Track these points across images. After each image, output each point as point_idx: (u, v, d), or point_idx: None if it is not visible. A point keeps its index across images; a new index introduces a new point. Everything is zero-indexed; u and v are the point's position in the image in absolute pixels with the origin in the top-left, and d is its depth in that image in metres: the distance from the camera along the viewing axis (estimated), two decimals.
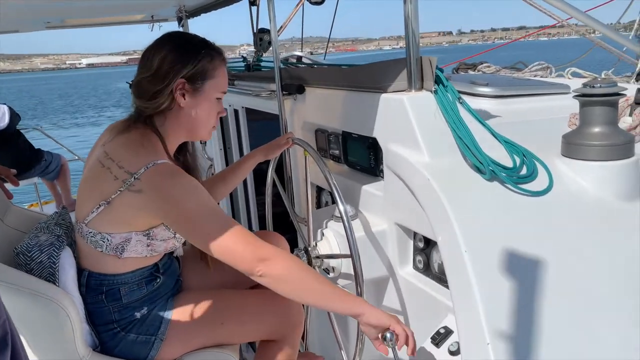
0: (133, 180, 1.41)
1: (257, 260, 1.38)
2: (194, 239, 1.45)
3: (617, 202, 1.47)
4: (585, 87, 1.50)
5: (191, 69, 1.51)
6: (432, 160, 1.50)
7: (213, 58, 1.56)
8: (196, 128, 1.59)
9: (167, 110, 1.54)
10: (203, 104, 1.56)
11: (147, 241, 1.52)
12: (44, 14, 3.41)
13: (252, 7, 3.24)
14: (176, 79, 1.50)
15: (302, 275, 1.40)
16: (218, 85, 1.58)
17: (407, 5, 1.57)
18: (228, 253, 1.40)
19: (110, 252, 1.50)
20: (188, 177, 1.45)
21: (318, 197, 2.42)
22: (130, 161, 1.45)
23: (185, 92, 1.52)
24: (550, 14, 3.05)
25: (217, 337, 1.67)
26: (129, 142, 1.51)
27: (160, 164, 1.44)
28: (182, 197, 1.40)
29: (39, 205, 5.61)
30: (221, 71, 1.59)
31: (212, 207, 1.43)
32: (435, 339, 1.54)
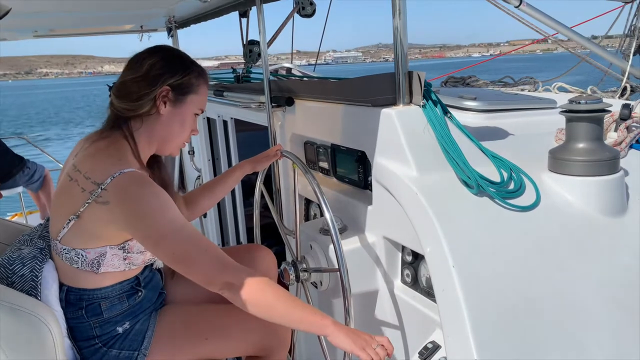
0: (100, 191, 1.39)
1: (222, 285, 1.37)
2: (161, 255, 1.42)
3: (603, 217, 1.48)
4: (571, 103, 1.51)
5: (178, 79, 1.53)
6: (420, 174, 1.50)
7: (200, 75, 1.60)
8: (169, 139, 1.59)
9: (145, 115, 1.53)
10: (181, 116, 1.57)
11: (124, 254, 1.49)
12: (32, 23, 3.39)
13: (242, 19, 3.25)
14: (162, 85, 1.51)
15: (268, 300, 1.38)
16: (199, 102, 1.61)
17: (396, 19, 1.57)
18: (194, 274, 1.38)
19: (86, 268, 1.48)
20: (157, 188, 1.43)
21: (306, 210, 2.41)
22: (96, 171, 1.42)
23: (168, 100, 1.53)
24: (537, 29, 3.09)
25: (201, 352, 1.64)
26: (97, 152, 1.49)
27: (128, 172, 1.41)
28: (149, 211, 1.38)
29: (23, 215, 5.53)
30: (204, 90, 1.63)
31: (181, 223, 1.40)
32: (422, 354, 1.53)
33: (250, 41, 3.24)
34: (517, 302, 1.31)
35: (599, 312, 1.35)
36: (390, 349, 1.38)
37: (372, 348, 1.34)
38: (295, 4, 3.18)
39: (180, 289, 1.82)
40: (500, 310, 1.29)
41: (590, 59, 3.29)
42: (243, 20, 3.24)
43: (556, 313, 1.32)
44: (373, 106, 1.67)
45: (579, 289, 1.37)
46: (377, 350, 1.34)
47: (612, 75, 3.32)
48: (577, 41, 3.03)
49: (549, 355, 1.27)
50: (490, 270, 1.34)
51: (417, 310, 1.65)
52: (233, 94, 2.89)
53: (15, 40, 4.39)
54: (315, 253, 1.87)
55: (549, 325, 1.30)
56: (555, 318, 1.31)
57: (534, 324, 1.29)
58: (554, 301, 1.33)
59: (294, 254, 1.89)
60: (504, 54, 26.56)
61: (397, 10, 1.56)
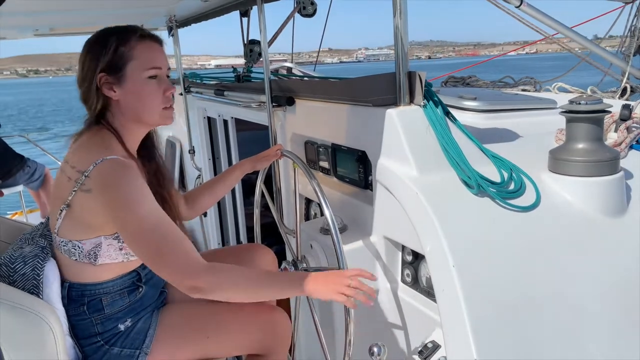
0: (84, 179, 1.40)
1: (190, 288, 1.35)
2: (134, 248, 1.42)
3: (603, 218, 1.48)
4: (571, 103, 1.52)
5: (105, 60, 1.48)
6: (420, 174, 1.50)
7: (125, 40, 1.50)
8: (141, 114, 1.54)
9: (106, 107, 1.52)
10: (134, 88, 1.50)
11: (118, 244, 1.50)
12: (33, 22, 3.39)
13: (243, 18, 3.25)
14: (95, 75, 1.48)
15: (240, 296, 1.41)
16: (142, 64, 1.50)
17: (397, 19, 1.58)
18: (164, 274, 1.38)
19: (84, 259, 1.49)
20: (137, 178, 1.42)
21: (307, 209, 2.41)
22: (81, 160, 1.44)
23: (111, 84, 1.49)
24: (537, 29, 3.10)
25: (202, 351, 1.65)
26: (83, 143, 1.51)
27: (110, 159, 1.41)
28: (126, 202, 1.37)
29: (23, 214, 5.53)
30: (141, 49, 1.51)
31: (157, 219, 1.38)
32: (422, 353, 1.54)
33: (251, 40, 3.24)
34: (517, 302, 1.31)
35: (598, 312, 1.36)
36: (366, 275, 1.41)
37: (346, 287, 1.37)
38: (296, 3, 3.18)
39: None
40: (500, 310, 1.29)
41: (591, 59, 3.30)
42: (244, 19, 3.24)
43: (556, 313, 1.32)
44: (374, 106, 1.68)
45: (578, 289, 1.37)
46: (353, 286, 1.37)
47: (612, 75, 3.33)
48: (578, 41, 3.03)
49: (548, 355, 1.27)
50: (490, 270, 1.34)
51: (417, 309, 1.65)
52: (234, 94, 2.89)
53: (15, 39, 4.39)
54: (315, 252, 1.87)
55: (548, 325, 1.30)
56: (555, 318, 1.32)
57: (533, 324, 1.29)
58: (553, 301, 1.34)
59: (294, 253, 1.90)
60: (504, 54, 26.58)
61: (398, 10, 1.57)
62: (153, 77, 1.52)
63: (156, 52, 1.55)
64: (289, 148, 2.31)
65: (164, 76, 1.56)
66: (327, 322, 1.89)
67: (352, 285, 1.37)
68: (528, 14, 2.89)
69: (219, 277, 1.36)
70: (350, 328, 1.50)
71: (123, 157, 1.46)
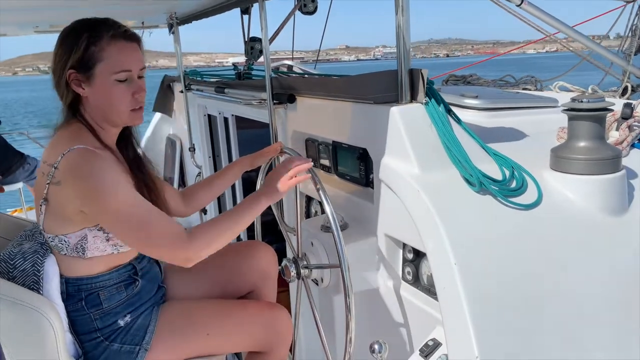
0: (53, 171, 1.41)
1: (182, 261, 1.43)
2: (118, 235, 1.45)
3: (604, 216, 1.48)
4: (573, 101, 1.51)
5: (76, 57, 1.46)
6: (422, 172, 1.50)
7: (97, 39, 1.46)
8: (108, 114, 1.52)
9: (78, 102, 1.52)
10: (102, 89, 1.47)
11: (104, 235, 1.49)
12: (33, 18, 3.38)
13: (244, 15, 3.24)
14: (65, 71, 1.47)
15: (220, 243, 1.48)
16: (111, 66, 1.46)
17: (399, 16, 1.57)
18: (155, 254, 1.50)
19: (72, 253, 1.49)
20: (108, 164, 1.42)
21: (307, 207, 2.41)
22: (50, 153, 1.45)
23: (80, 81, 1.48)
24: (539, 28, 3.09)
25: (202, 348, 1.64)
26: (55, 138, 1.51)
27: (77, 148, 1.40)
28: (100, 189, 1.37)
29: (23, 211, 5.53)
30: (111, 51, 1.46)
31: (133, 201, 1.40)
32: (423, 351, 1.53)
33: (251, 38, 3.23)
34: (518, 300, 1.31)
35: (600, 310, 1.36)
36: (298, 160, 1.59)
37: (287, 177, 1.55)
38: (296, 1, 3.18)
39: (181, 284, 1.82)
40: (501, 308, 1.29)
41: (592, 59, 3.29)
42: (245, 17, 3.23)
43: (557, 311, 1.32)
44: (375, 103, 1.67)
45: (580, 287, 1.37)
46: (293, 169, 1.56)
47: (613, 75, 3.32)
48: (579, 40, 3.02)
49: (549, 353, 1.27)
50: (491, 268, 1.34)
51: (418, 307, 1.65)
52: (234, 91, 2.89)
53: (17, 35, 4.38)
54: (316, 250, 1.87)
55: (550, 323, 1.30)
56: (556, 316, 1.32)
57: (535, 321, 1.29)
58: (555, 299, 1.34)
59: (294, 250, 1.89)
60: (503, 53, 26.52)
61: (400, 8, 1.56)
62: (122, 80, 1.49)
63: (127, 54, 1.50)
64: (290, 146, 2.31)
65: (135, 78, 1.52)
66: (327, 320, 1.89)
67: (291, 170, 1.56)
68: (529, 13, 2.88)
69: (202, 239, 1.44)
70: (350, 325, 1.50)
71: (95, 148, 1.45)
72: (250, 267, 1.88)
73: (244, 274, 1.87)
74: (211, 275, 1.86)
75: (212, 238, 1.45)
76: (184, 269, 1.83)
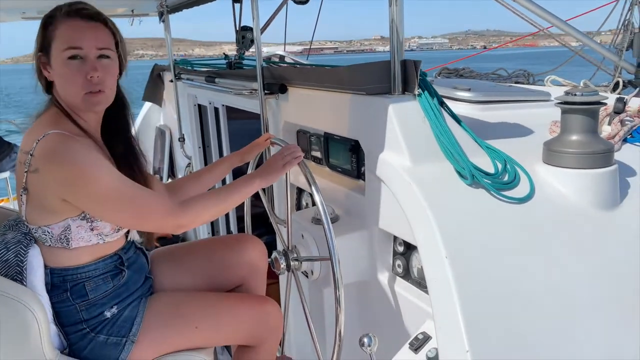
0: (30, 159, 1.38)
1: (174, 228, 1.46)
2: (106, 217, 1.45)
3: (596, 210, 1.48)
4: (567, 95, 1.50)
5: (40, 41, 1.47)
6: (414, 164, 1.48)
7: (54, 19, 1.45)
8: (66, 97, 1.48)
9: (50, 88, 1.51)
10: (56, 69, 1.45)
11: (88, 224, 1.46)
12: (20, 5, 3.32)
13: (236, 4, 3.20)
14: (36, 54, 1.48)
15: (212, 215, 1.55)
16: (61, 44, 1.43)
17: (393, 8, 1.55)
18: (147, 227, 1.53)
19: (57, 244, 1.46)
20: (84, 146, 1.39)
21: (298, 199, 2.39)
22: (27, 140, 1.42)
23: (46, 64, 1.48)
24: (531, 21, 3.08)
25: (191, 340, 1.62)
26: (34, 125, 1.47)
27: (52, 133, 1.37)
28: (80, 172, 1.34)
29: (9, 201, 5.46)
30: (62, 28, 1.44)
31: (117, 180, 1.40)
32: (413, 344, 1.53)
33: (243, 27, 3.20)
34: (509, 293, 1.31)
35: (591, 304, 1.36)
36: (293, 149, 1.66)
37: (282, 163, 1.62)
38: None
39: (169, 276, 1.79)
40: (492, 302, 1.28)
41: (584, 53, 3.29)
42: (236, 5, 3.19)
43: (548, 305, 1.32)
44: (367, 95, 1.65)
45: (571, 280, 1.37)
46: (288, 161, 1.62)
47: (604, 70, 3.33)
48: (572, 35, 3.02)
49: (540, 346, 1.27)
50: (483, 262, 1.33)
51: (408, 301, 1.64)
52: (225, 81, 2.85)
53: (4, 21, 4.30)
54: (306, 242, 1.85)
55: (541, 316, 1.30)
56: (547, 309, 1.31)
57: (526, 315, 1.29)
58: (546, 293, 1.33)
59: (285, 243, 1.88)
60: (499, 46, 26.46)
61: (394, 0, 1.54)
62: (74, 58, 1.43)
63: (79, 31, 1.44)
64: (281, 137, 2.28)
65: (90, 57, 1.44)
66: (317, 312, 1.88)
67: (285, 157, 1.63)
68: (523, 6, 2.87)
69: (194, 208, 1.47)
70: (340, 319, 1.49)
71: (72, 134, 1.41)
72: (239, 261, 1.86)
73: (233, 267, 1.85)
74: (200, 268, 1.83)
75: (203, 208, 1.49)
76: (172, 261, 1.81)
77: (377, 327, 1.76)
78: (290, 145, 1.70)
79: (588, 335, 1.31)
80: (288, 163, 1.63)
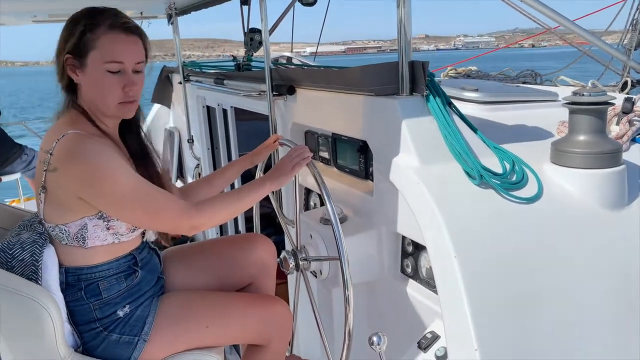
0: (49, 158, 1.41)
1: (188, 229, 1.48)
2: (123, 217, 1.47)
3: (604, 210, 1.48)
4: (575, 95, 1.51)
5: (72, 43, 1.47)
6: (422, 164, 1.49)
7: (94, 27, 1.45)
8: (98, 104, 1.51)
9: (74, 88, 1.52)
10: (92, 77, 1.47)
11: (105, 224, 1.49)
12: (30, 8, 3.36)
13: (244, 6, 3.22)
14: (63, 55, 1.48)
15: (223, 217, 1.59)
16: (103, 56, 1.45)
17: (400, 9, 1.56)
18: (161, 228, 1.56)
19: (73, 243, 1.49)
20: (103, 146, 1.41)
21: (306, 199, 2.41)
22: (47, 140, 1.45)
23: (75, 67, 1.48)
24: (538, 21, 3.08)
25: (201, 339, 1.64)
26: (54, 126, 1.51)
27: (71, 133, 1.40)
28: (98, 172, 1.37)
29: (20, 202, 5.51)
30: (105, 40, 1.46)
31: (134, 180, 1.42)
32: (422, 344, 1.54)
33: (251, 29, 3.22)
34: (517, 293, 1.31)
35: (599, 304, 1.36)
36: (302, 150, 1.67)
37: (291, 165, 1.63)
38: None
39: (180, 275, 1.81)
40: (500, 301, 1.29)
41: (592, 53, 3.29)
42: (244, 7, 3.21)
43: (556, 304, 1.33)
44: (375, 95, 1.66)
45: (579, 280, 1.38)
46: (297, 162, 1.63)
47: (613, 69, 3.32)
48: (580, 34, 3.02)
49: (548, 346, 1.27)
50: (491, 262, 1.34)
51: (417, 300, 1.65)
52: (234, 82, 2.87)
53: (15, 25, 4.34)
54: (315, 242, 1.87)
55: (549, 316, 1.31)
56: (555, 309, 1.32)
57: (534, 315, 1.29)
58: (554, 293, 1.34)
59: (293, 243, 1.89)
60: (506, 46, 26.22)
61: (402, 0, 1.55)
62: (113, 71, 1.47)
63: (122, 45, 1.48)
64: (289, 137, 2.30)
65: (128, 71, 1.49)
66: (326, 312, 1.89)
67: (294, 158, 1.65)
68: (530, 6, 2.87)
69: (208, 210, 1.51)
70: (349, 318, 1.50)
71: (92, 134, 1.45)
72: (249, 259, 1.88)
73: (242, 266, 1.87)
74: (210, 267, 1.85)
75: (216, 210, 1.52)
76: (184, 261, 1.83)
77: (386, 326, 1.77)
78: (298, 146, 1.71)
79: (596, 335, 1.32)
80: (297, 165, 1.64)
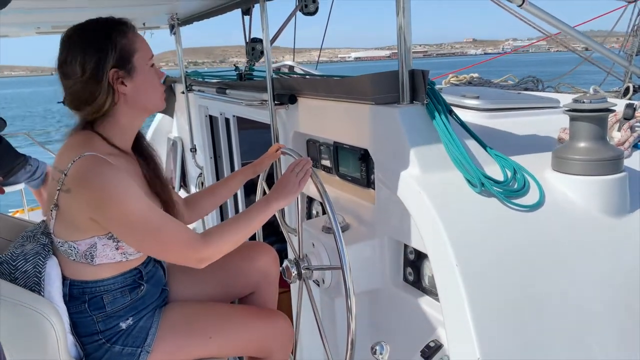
0: (64, 178, 1.42)
1: (196, 262, 1.48)
2: (131, 243, 1.47)
3: (606, 217, 1.48)
4: (575, 102, 1.51)
5: (113, 54, 1.48)
6: (423, 173, 1.49)
7: (124, 33, 1.52)
8: (148, 102, 1.57)
9: (111, 107, 1.50)
10: (143, 78, 1.54)
11: (114, 244, 1.49)
12: (34, 19, 3.38)
13: (245, 16, 3.24)
14: (107, 72, 1.47)
15: (230, 246, 1.54)
16: (144, 54, 1.55)
17: (400, 18, 1.57)
18: (169, 258, 1.55)
19: (81, 260, 1.49)
20: (118, 172, 1.40)
21: (309, 208, 2.41)
22: (62, 159, 1.46)
23: (122, 79, 1.50)
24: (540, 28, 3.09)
25: (203, 351, 1.64)
26: (67, 142, 1.52)
27: (88, 155, 1.41)
28: (112, 198, 1.38)
29: (24, 212, 5.53)
30: (138, 40, 1.55)
31: (146, 209, 1.42)
32: (425, 352, 1.53)
33: (253, 39, 3.23)
34: (520, 301, 1.31)
35: (601, 311, 1.35)
36: (303, 163, 1.65)
37: (296, 180, 1.61)
38: (297, 1, 3.18)
39: (182, 285, 1.81)
40: (503, 310, 1.29)
41: (593, 59, 3.29)
42: (246, 17, 3.23)
43: (559, 313, 1.32)
44: (376, 104, 1.67)
45: (581, 289, 1.37)
46: (301, 177, 1.62)
47: (614, 75, 3.32)
48: (581, 41, 3.02)
49: (551, 355, 1.27)
50: (493, 270, 1.33)
51: (420, 309, 1.64)
52: (236, 92, 2.89)
53: (18, 36, 4.38)
54: (317, 251, 1.87)
55: (551, 324, 1.30)
56: (558, 318, 1.31)
57: (537, 323, 1.29)
58: (557, 301, 1.33)
59: (296, 251, 1.89)
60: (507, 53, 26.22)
61: (401, 9, 1.56)
62: (152, 66, 1.58)
63: (146, 43, 1.59)
64: (291, 146, 2.31)
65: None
66: (328, 321, 1.88)
67: (298, 173, 1.63)
68: (530, 13, 2.88)
69: (215, 241, 1.50)
70: (352, 327, 1.50)
71: (108, 154, 1.46)
72: (251, 268, 1.88)
73: (245, 275, 1.87)
74: (212, 277, 1.86)
75: (225, 240, 1.51)
76: (187, 271, 1.83)
77: (389, 335, 1.76)
78: (298, 160, 1.70)
79: (598, 343, 1.31)
80: (302, 180, 1.63)
